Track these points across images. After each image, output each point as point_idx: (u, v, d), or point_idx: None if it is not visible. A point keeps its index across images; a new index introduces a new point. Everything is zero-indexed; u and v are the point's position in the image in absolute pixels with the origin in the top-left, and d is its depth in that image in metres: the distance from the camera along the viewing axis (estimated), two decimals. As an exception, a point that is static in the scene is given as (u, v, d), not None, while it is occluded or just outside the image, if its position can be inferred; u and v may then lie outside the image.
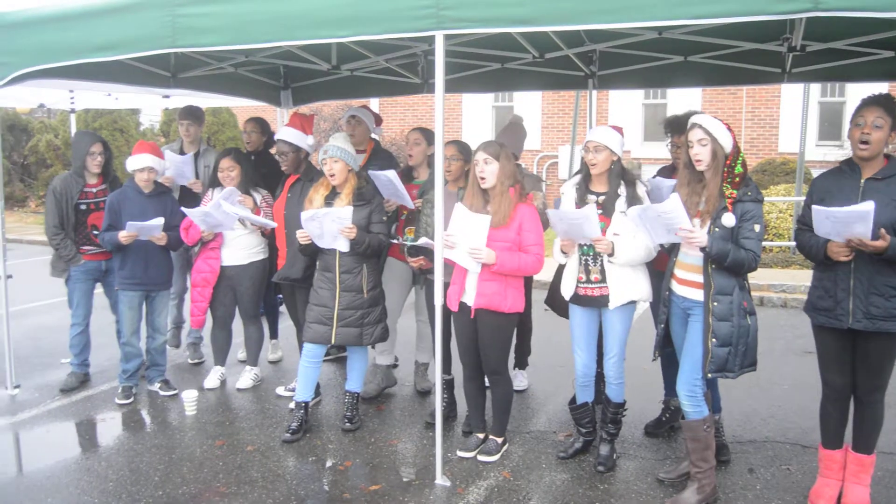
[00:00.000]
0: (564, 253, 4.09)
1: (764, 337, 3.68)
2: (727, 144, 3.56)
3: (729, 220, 3.49)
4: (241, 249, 5.34)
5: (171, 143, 6.23)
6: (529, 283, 4.66)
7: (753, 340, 3.61)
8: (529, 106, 15.62)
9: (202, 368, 6.00)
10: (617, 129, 4.08)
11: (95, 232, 5.29)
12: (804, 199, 3.64)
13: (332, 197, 4.59)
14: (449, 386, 4.90)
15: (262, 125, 6.09)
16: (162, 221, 5.01)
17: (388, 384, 5.46)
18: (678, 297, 3.78)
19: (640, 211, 3.70)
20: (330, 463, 4.31)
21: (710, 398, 3.88)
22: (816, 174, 13.24)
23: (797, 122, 11.25)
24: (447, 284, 4.28)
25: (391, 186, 4.85)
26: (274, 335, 6.28)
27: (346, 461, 4.32)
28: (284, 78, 7.33)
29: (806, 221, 3.60)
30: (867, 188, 3.39)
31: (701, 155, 3.58)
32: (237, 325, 5.57)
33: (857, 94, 12.65)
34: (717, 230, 3.53)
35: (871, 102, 3.43)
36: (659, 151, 14.25)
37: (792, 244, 10.01)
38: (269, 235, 5.37)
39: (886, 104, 3.40)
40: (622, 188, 4.00)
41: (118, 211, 5.07)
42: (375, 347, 5.44)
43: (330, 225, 4.39)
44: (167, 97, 7.75)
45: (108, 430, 4.85)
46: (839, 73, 5.96)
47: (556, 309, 4.86)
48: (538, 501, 3.83)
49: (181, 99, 7.62)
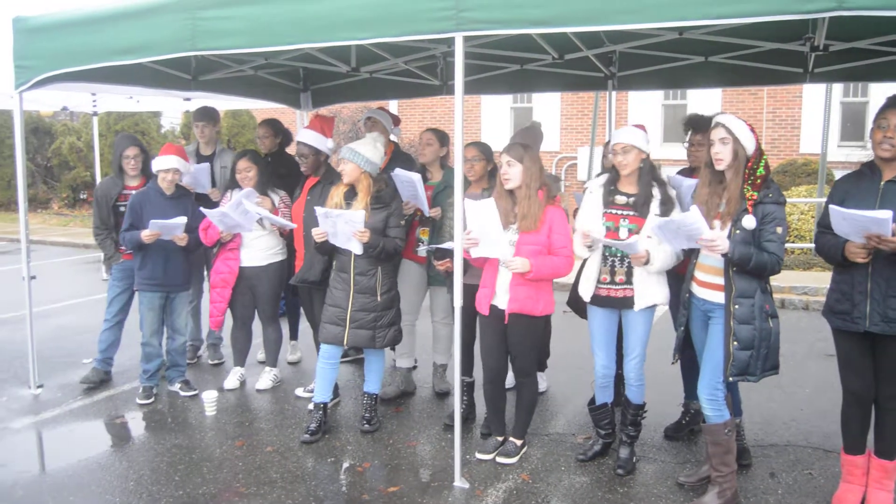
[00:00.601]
0: (589, 248, 4.05)
1: (785, 339, 3.64)
2: (749, 145, 3.53)
3: (749, 222, 3.46)
4: (259, 250, 5.37)
5: (188, 144, 6.28)
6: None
7: (776, 343, 3.57)
8: (548, 107, 15.58)
9: (222, 369, 6.04)
10: (640, 126, 4.05)
11: None
12: (826, 200, 3.60)
13: (350, 196, 4.60)
14: (469, 388, 4.90)
15: (273, 127, 6.11)
16: (185, 220, 5.05)
17: (407, 388, 5.46)
18: (698, 299, 3.75)
19: (661, 223, 3.67)
20: (348, 464, 4.32)
21: (730, 401, 3.84)
22: (838, 175, 13.16)
23: (819, 122, 11.14)
24: (476, 287, 4.28)
25: (412, 189, 4.85)
26: (294, 336, 6.31)
27: (364, 462, 4.33)
28: (304, 80, 7.37)
29: (825, 224, 3.55)
30: (886, 190, 3.36)
31: (722, 154, 3.54)
32: (256, 326, 5.60)
33: (879, 94, 12.54)
34: (737, 233, 3.50)
35: (894, 104, 3.37)
36: (679, 153, 14.06)
37: (813, 246, 9.90)
38: (287, 236, 5.39)
39: None
40: (655, 189, 3.97)
41: (140, 211, 5.13)
42: (396, 350, 5.45)
43: (343, 226, 4.39)
44: (188, 100, 7.82)
45: (129, 429, 4.89)
46: (862, 72, 5.89)
47: (578, 311, 4.83)
48: (557, 504, 3.82)
49: (202, 101, 7.68)
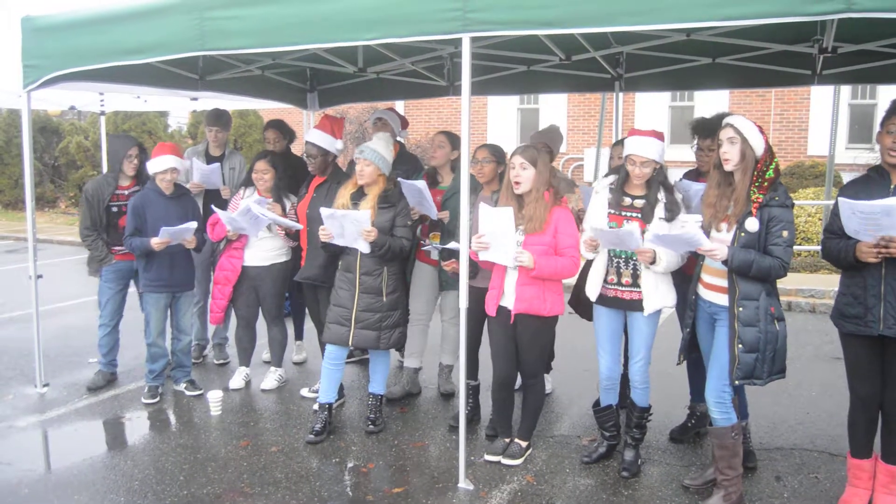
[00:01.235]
0: (594, 249, 4.04)
1: (792, 342, 3.63)
2: (758, 147, 3.50)
3: (752, 224, 3.44)
4: (263, 251, 5.38)
5: (196, 144, 6.29)
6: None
7: (782, 347, 3.54)
8: (555, 108, 15.56)
9: (227, 369, 6.05)
10: (658, 135, 3.98)
11: None
12: (833, 204, 3.58)
13: (358, 197, 4.60)
14: (474, 390, 4.89)
15: (282, 129, 6.12)
16: (195, 226, 5.05)
17: (412, 389, 5.45)
18: (705, 301, 3.74)
19: (656, 237, 3.66)
20: (353, 465, 4.31)
21: (737, 404, 3.82)
22: (846, 177, 13.09)
23: (826, 124, 11.08)
24: (484, 290, 4.27)
25: (418, 196, 4.85)
26: (299, 336, 6.31)
27: (369, 463, 4.32)
28: (311, 80, 7.38)
29: (833, 230, 3.53)
30: (897, 193, 3.33)
31: (729, 154, 3.52)
32: (261, 325, 5.60)
33: (888, 96, 12.42)
34: (742, 235, 3.48)
35: None
36: (685, 154, 14.08)
37: (820, 248, 9.86)
38: (293, 236, 5.39)
39: None
40: (661, 194, 3.95)
41: (142, 215, 5.12)
42: (405, 349, 5.44)
43: (350, 226, 4.39)
44: (195, 99, 7.82)
45: (134, 429, 4.90)
46: (870, 75, 5.87)
47: (580, 311, 4.83)
48: (562, 506, 3.81)
49: (209, 101, 7.70)
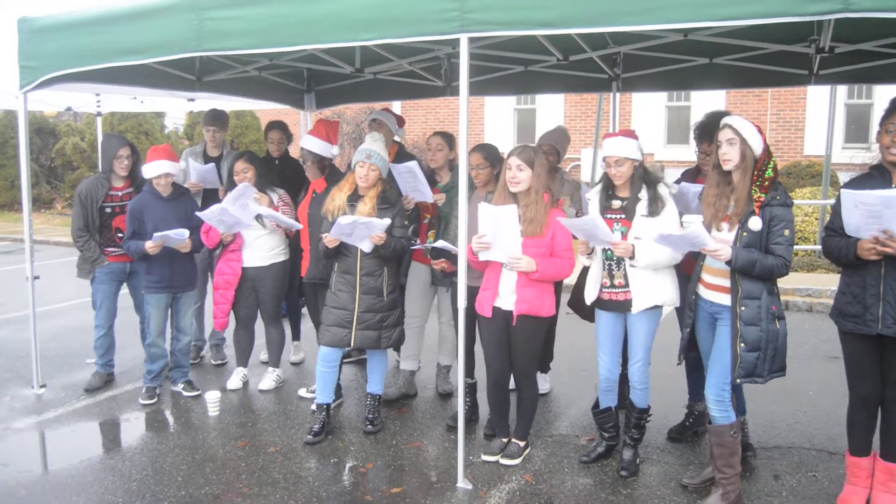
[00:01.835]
0: (587, 255, 4.08)
1: (789, 341, 3.63)
2: (757, 147, 3.52)
3: (755, 223, 3.45)
4: (262, 251, 5.37)
5: (194, 145, 6.28)
6: (559, 286, 4.65)
7: (783, 345, 3.56)
8: (551, 109, 15.58)
9: (225, 370, 6.04)
10: (631, 134, 4.03)
11: (120, 234, 5.35)
12: (830, 202, 3.59)
13: (354, 198, 4.60)
14: (472, 390, 4.89)
15: (285, 130, 6.12)
16: (187, 234, 5.04)
17: (408, 391, 5.44)
18: (705, 301, 3.75)
19: (661, 236, 3.66)
20: (352, 465, 4.31)
21: (734, 400, 3.83)
22: (843, 177, 13.11)
23: (823, 124, 11.12)
24: (476, 288, 4.27)
25: (411, 179, 4.84)
26: (296, 337, 6.31)
27: (367, 463, 4.32)
28: (308, 81, 7.37)
29: (834, 228, 3.54)
30: (899, 191, 3.34)
31: (729, 154, 3.54)
32: (259, 326, 5.60)
33: (884, 95, 12.50)
34: (745, 235, 3.49)
35: None
36: (682, 154, 14.17)
37: (818, 248, 9.88)
38: (292, 237, 5.39)
39: None
40: (643, 191, 3.97)
41: (140, 218, 5.11)
42: (401, 352, 5.44)
43: (362, 231, 4.40)
44: (192, 100, 7.82)
45: (132, 430, 4.89)
46: (867, 74, 5.88)
47: (579, 312, 4.83)
48: (560, 506, 3.81)
49: (206, 102, 7.70)
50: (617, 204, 4.03)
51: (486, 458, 4.31)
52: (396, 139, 5.77)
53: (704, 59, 5.94)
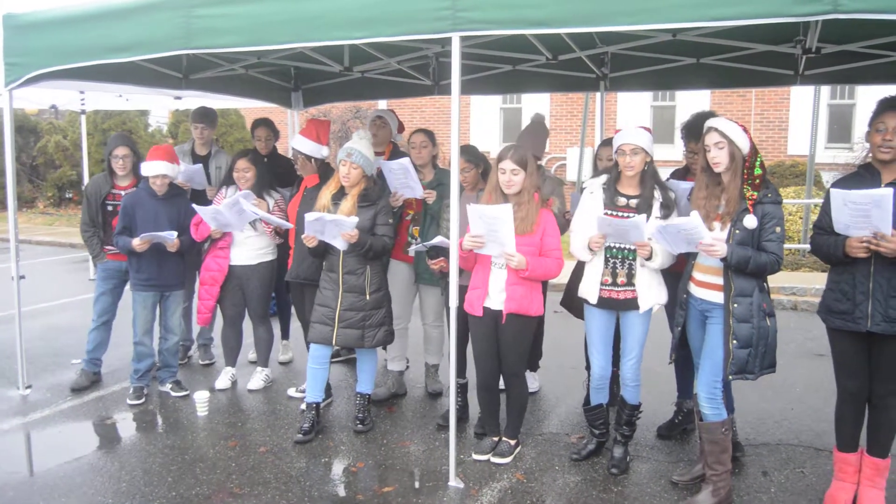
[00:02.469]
0: (592, 251, 4.03)
1: (776, 340, 3.67)
2: (744, 146, 3.55)
3: (751, 221, 3.49)
4: (250, 250, 5.35)
5: (181, 143, 6.24)
6: (545, 286, 4.66)
7: (773, 342, 3.60)
8: (537, 108, 15.60)
9: (212, 369, 6.01)
10: (646, 129, 4.02)
11: None
12: (815, 201, 3.63)
13: (339, 196, 4.59)
14: (462, 389, 4.90)
15: (272, 128, 6.09)
16: (174, 235, 5.03)
17: (398, 391, 5.44)
18: (696, 299, 3.77)
19: (661, 227, 3.68)
20: (342, 464, 4.30)
21: (725, 399, 3.86)
22: (826, 176, 13.20)
23: (806, 124, 11.23)
24: (465, 288, 4.27)
25: (403, 176, 4.83)
26: (285, 336, 6.29)
27: (358, 462, 4.32)
28: (295, 79, 7.34)
29: (822, 226, 3.59)
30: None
31: (718, 158, 3.57)
32: (247, 325, 5.57)
33: (866, 96, 12.73)
34: (738, 233, 3.53)
35: (890, 107, 3.40)
36: (668, 153, 14.22)
37: (802, 247, 9.98)
38: (282, 235, 5.37)
39: None
40: (657, 192, 3.97)
41: (132, 214, 5.09)
42: (388, 352, 5.43)
43: (332, 228, 4.39)
44: (179, 98, 7.77)
45: (120, 430, 4.85)
46: (851, 75, 5.92)
47: (572, 310, 4.86)
48: (552, 504, 3.83)
49: (193, 100, 7.65)
50: (623, 201, 4.02)
51: (477, 456, 4.32)
52: (393, 141, 5.75)
53: (692, 59, 5.98)
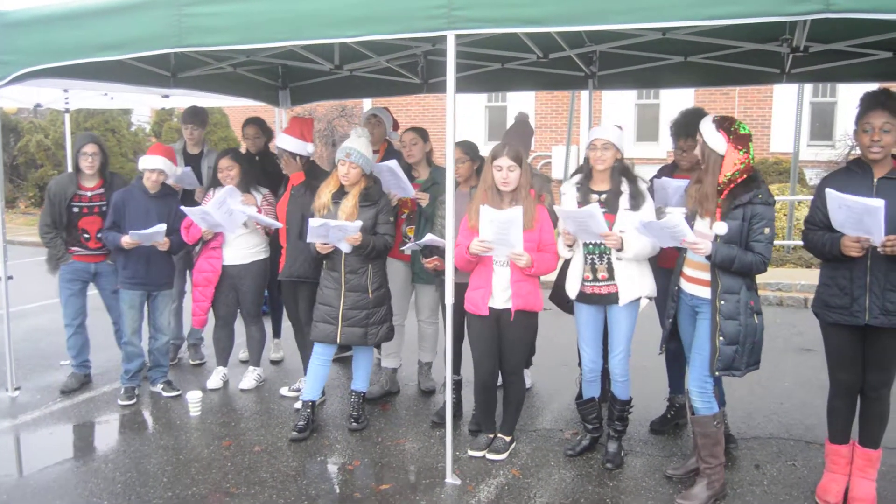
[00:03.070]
0: (569, 247, 4.11)
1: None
2: (719, 147, 3.59)
3: (720, 228, 3.53)
4: (242, 249, 5.33)
5: (174, 143, 6.18)
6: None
7: (760, 339, 3.65)
8: (523, 106, 15.60)
9: (203, 369, 5.98)
10: (619, 126, 4.12)
11: (86, 236, 5.26)
12: (798, 198, 3.68)
13: (339, 195, 4.59)
14: (457, 386, 4.90)
15: (261, 126, 6.07)
16: (164, 228, 4.98)
17: (391, 388, 5.44)
18: (686, 294, 3.81)
19: (643, 224, 3.72)
20: (339, 463, 4.30)
21: (716, 393, 3.90)
22: (809, 173, 13.31)
23: (789, 122, 11.34)
24: (464, 286, 4.28)
25: (392, 177, 4.85)
26: (277, 335, 6.27)
27: (354, 461, 4.32)
28: (282, 78, 7.31)
29: (814, 221, 3.64)
30: (881, 186, 3.43)
31: (698, 154, 3.61)
32: (238, 325, 5.55)
33: (847, 94, 12.87)
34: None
35: (875, 106, 3.43)
36: (651, 151, 14.34)
37: (787, 243, 10.07)
38: (272, 234, 5.35)
39: (890, 107, 3.42)
40: (624, 185, 4.04)
41: (122, 210, 5.05)
42: (381, 350, 5.44)
43: (336, 233, 4.39)
44: (167, 97, 7.71)
45: (112, 431, 4.82)
46: (836, 73, 5.99)
47: (560, 305, 4.88)
48: (549, 499, 3.84)
49: (180, 99, 7.59)
50: (594, 197, 4.08)
51: (472, 453, 4.33)
52: (388, 139, 5.75)
53: (679, 57, 6.01)
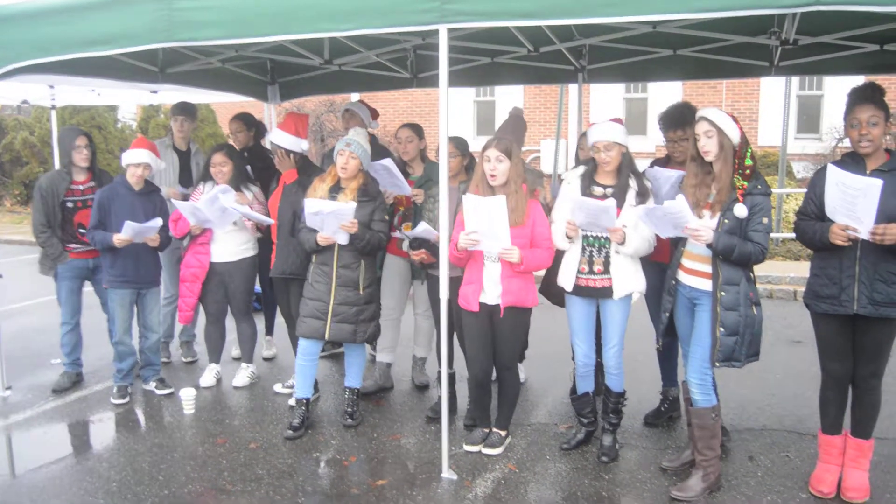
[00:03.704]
0: (570, 238, 4.08)
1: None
2: (734, 136, 3.61)
3: (741, 210, 3.54)
4: (231, 246, 5.29)
5: (161, 139, 6.14)
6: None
7: (759, 330, 3.68)
8: (511, 100, 15.59)
9: (195, 367, 5.95)
10: (617, 120, 4.10)
11: (82, 230, 5.22)
12: (787, 191, 3.71)
13: (336, 190, 4.57)
14: (451, 380, 4.90)
15: (246, 121, 6.02)
16: (160, 222, 4.95)
17: (385, 384, 5.43)
18: (685, 286, 3.82)
19: (647, 210, 3.73)
20: (334, 459, 4.30)
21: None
22: (796, 167, 13.37)
23: (776, 115, 11.41)
24: (455, 279, 4.28)
25: (387, 175, 4.84)
26: (269, 331, 6.25)
27: (350, 457, 4.31)
28: (271, 73, 7.28)
29: (807, 212, 3.66)
30: (874, 177, 3.44)
31: (708, 146, 3.62)
32: (230, 322, 5.52)
33: (834, 86, 12.95)
34: (727, 222, 3.58)
35: (861, 101, 3.46)
36: (640, 145, 14.35)
37: (776, 236, 10.12)
38: (263, 231, 5.33)
39: (876, 100, 3.45)
40: (632, 180, 4.02)
41: (107, 208, 5.00)
42: (377, 344, 5.43)
43: (332, 220, 4.37)
44: (155, 92, 7.66)
45: (105, 430, 4.79)
46: (824, 66, 6.01)
47: (550, 297, 4.90)
48: (545, 493, 3.86)
49: (168, 94, 7.54)
50: (599, 191, 4.07)
51: (468, 448, 4.34)
52: (369, 131, 5.73)
53: (668, 50, 6.02)
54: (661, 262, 4.24)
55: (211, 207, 4.91)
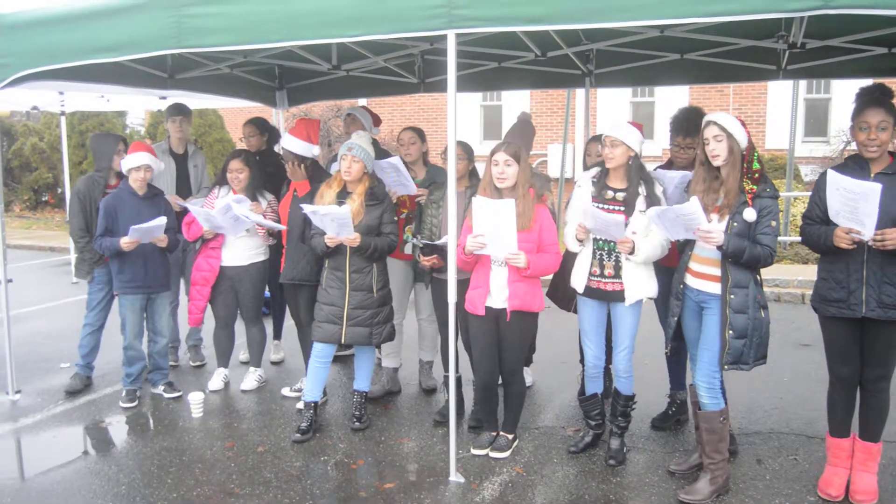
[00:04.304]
0: (580, 241, 4.09)
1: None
2: (742, 140, 3.62)
3: (750, 214, 3.55)
4: (242, 250, 5.32)
5: (157, 143, 6.17)
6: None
7: (766, 333, 3.67)
8: (518, 105, 15.61)
9: (204, 371, 5.98)
10: (636, 125, 4.08)
11: None
12: (794, 194, 3.71)
13: (343, 195, 4.59)
14: (457, 384, 4.91)
15: (259, 125, 6.06)
16: (164, 221, 4.97)
17: (392, 388, 5.45)
18: (693, 290, 3.82)
19: (659, 212, 3.73)
20: (342, 462, 4.30)
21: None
22: (804, 170, 13.34)
23: (783, 118, 11.37)
24: (463, 283, 4.28)
25: (394, 174, 4.86)
26: (277, 336, 6.27)
27: (358, 460, 4.32)
28: (279, 78, 7.31)
29: (812, 216, 3.66)
30: (877, 181, 3.43)
31: (717, 150, 3.62)
32: (239, 326, 5.54)
33: (841, 90, 12.92)
34: (735, 225, 3.58)
35: (871, 104, 3.46)
36: (647, 149, 14.20)
37: (783, 239, 10.09)
38: (275, 236, 5.35)
39: (886, 104, 3.45)
40: (642, 187, 4.02)
41: (114, 214, 5.03)
42: (382, 349, 5.44)
43: (329, 222, 4.38)
44: (164, 98, 7.71)
45: (114, 433, 4.82)
46: (831, 70, 6.02)
47: (557, 302, 4.90)
48: (553, 496, 3.86)
49: (178, 100, 7.56)
50: (610, 195, 4.07)
51: (475, 451, 4.34)
52: (371, 136, 5.75)
53: (676, 54, 6.04)
54: (671, 266, 4.24)
55: (224, 216, 4.95)
